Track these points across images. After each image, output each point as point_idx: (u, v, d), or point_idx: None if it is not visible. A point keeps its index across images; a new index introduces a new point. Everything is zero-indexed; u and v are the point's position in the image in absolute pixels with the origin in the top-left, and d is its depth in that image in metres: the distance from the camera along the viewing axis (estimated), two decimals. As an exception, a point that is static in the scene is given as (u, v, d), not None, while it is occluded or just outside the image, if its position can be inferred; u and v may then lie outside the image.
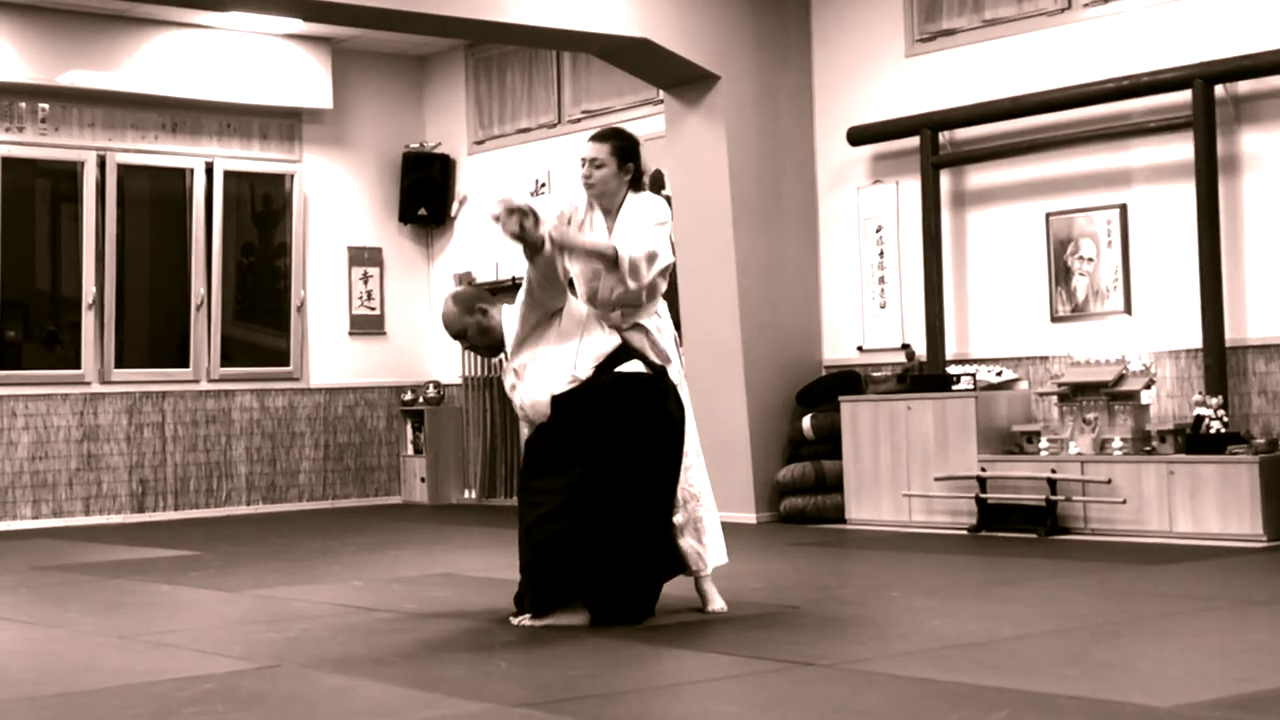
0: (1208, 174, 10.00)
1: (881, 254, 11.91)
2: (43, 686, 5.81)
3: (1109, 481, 9.93)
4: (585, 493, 6.74)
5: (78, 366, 13.90)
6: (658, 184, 13.07)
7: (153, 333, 14.61)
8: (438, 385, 15.27)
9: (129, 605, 8.13)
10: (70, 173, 13.97)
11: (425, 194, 15.32)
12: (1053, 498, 10.15)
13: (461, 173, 15.38)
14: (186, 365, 14.44)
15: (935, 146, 11.41)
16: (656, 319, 7.07)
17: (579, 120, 14.06)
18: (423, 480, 15.16)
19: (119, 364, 14.07)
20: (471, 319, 7.06)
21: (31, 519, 13.59)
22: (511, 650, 6.24)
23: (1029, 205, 11.12)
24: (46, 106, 13.74)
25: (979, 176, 11.42)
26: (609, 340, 6.90)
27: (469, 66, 15.23)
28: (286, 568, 9.61)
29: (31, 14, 13.34)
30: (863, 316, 12.03)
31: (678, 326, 12.18)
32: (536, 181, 14.46)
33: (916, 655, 5.91)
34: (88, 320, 13.89)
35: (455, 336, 7.17)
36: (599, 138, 7.22)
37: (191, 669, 6.01)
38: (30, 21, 13.36)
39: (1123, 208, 10.59)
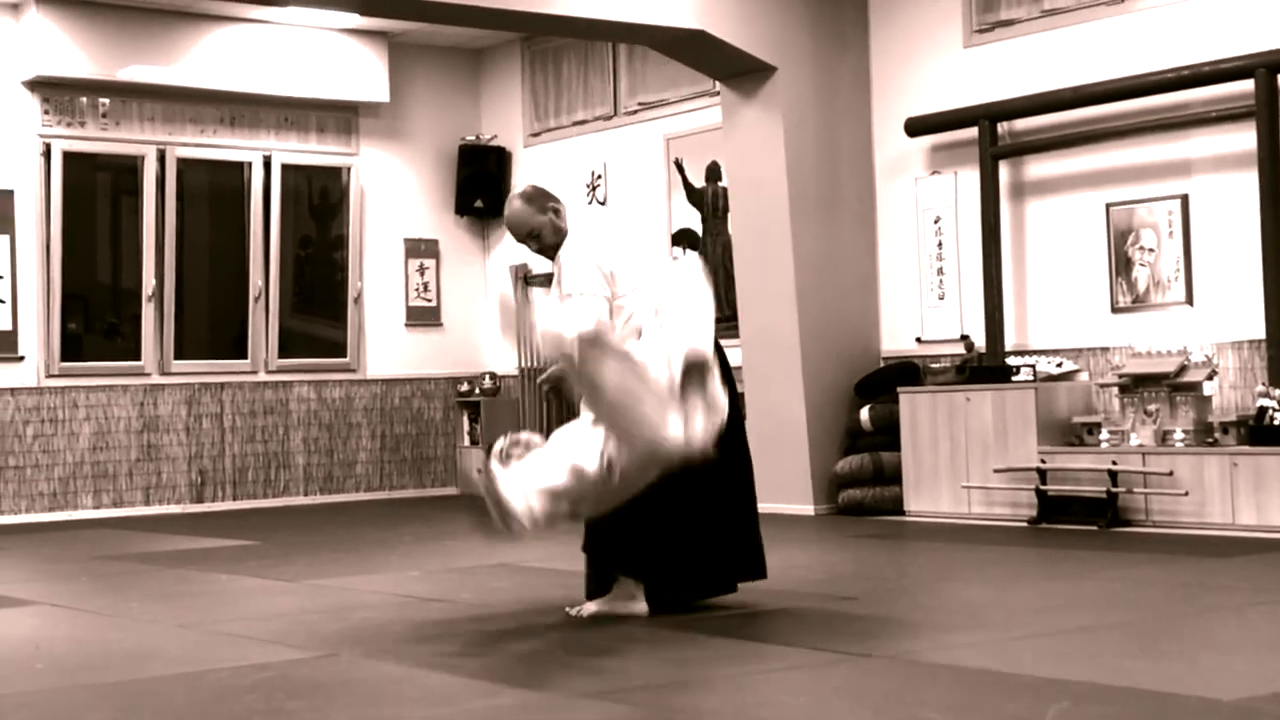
0: (1270, 163, 9.91)
1: (940, 245, 11.85)
2: (103, 674, 5.84)
3: (1171, 473, 9.85)
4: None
5: (138, 358, 13.99)
6: (714, 175, 13.06)
7: (211, 324, 14.71)
8: (494, 377, 15.29)
9: (188, 594, 8.20)
10: (130, 167, 14.04)
11: (481, 186, 15.32)
12: (1114, 490, 10.08)
13: (517, 165, 15.37)
14: (245, 357, 14.52)
15: (994, 137, 11.34)
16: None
17: (635, 112, 14.05)
18: (479, 471, 14.97)
19: (178, 355, 14.15)
20: (545, 218, 6.81)
21: (93, 509, 13.67)
22: (570, 640, 6.26)
23: (1089, 196, 11.03)
24: (107, 101, 13.83)
25: (1038, 167, 11.35)
26: None
27: (525, 59, 15.23)
28: (344, 558, 9.63)
29: (92, 10, 13.42)
30: (921, 307, 11.98)
31: (733, 318, 12.22)
32: (593, 173, 14.47)
33: (976, 646, 5.89)
34: (148, 312, 13.97)
35: (526, 237, 6.87)
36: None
37: (250, 658, 6.04)
38: (91, 17, 13.44)
39: (1184, 198, 10.51)
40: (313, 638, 6.48)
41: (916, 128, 11.79)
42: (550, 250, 6.88)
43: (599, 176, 14.41)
